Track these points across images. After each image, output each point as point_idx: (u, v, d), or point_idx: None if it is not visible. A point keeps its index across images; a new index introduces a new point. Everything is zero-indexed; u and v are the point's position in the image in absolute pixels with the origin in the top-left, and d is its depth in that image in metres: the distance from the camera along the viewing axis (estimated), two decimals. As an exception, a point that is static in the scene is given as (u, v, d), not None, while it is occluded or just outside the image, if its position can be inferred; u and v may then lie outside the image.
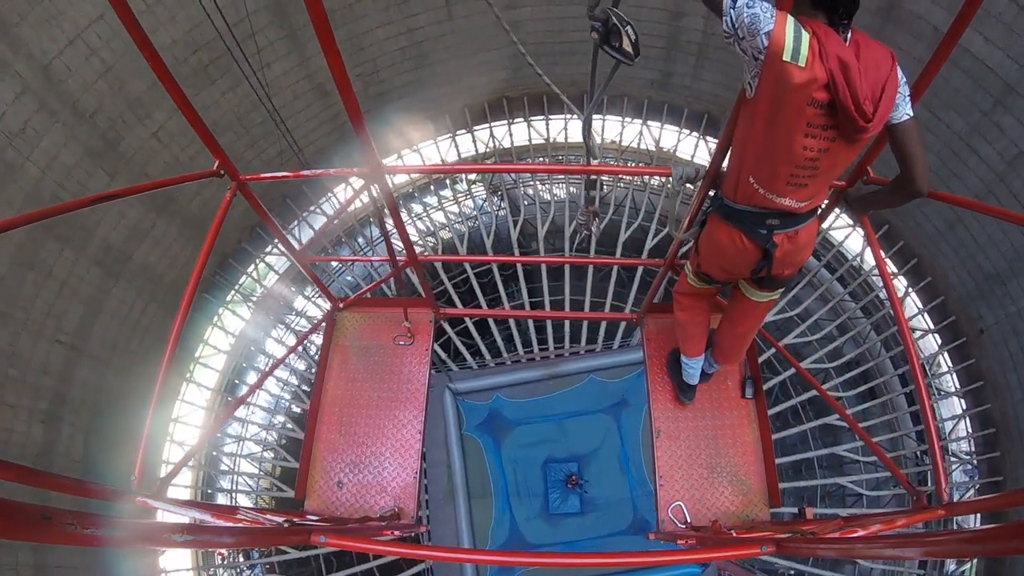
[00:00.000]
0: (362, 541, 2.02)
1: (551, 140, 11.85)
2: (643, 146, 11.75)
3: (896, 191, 2.09)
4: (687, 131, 11.16)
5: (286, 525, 2.47)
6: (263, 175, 2.86)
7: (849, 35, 1.77)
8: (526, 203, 12.47)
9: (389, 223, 2.88)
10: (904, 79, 1.84)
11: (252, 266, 10.90)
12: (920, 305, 9.97)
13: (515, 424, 10.18)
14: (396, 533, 2.94)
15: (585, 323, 11.56)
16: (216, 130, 8.14)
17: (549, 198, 12.50)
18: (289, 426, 12.28)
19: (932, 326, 10.06)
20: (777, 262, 2.23)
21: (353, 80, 1.75)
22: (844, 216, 9.96)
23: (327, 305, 3.58)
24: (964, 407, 9.92)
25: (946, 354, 9.93)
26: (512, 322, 11.75)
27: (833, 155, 1.89)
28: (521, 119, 11.40)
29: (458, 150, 11.50)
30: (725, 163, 2.21)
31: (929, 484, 10.50)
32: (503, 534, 9.43)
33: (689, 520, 3.02)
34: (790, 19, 1.69)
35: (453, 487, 9.61)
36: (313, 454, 3.29)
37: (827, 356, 10.86)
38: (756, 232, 2.15)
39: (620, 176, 12.98)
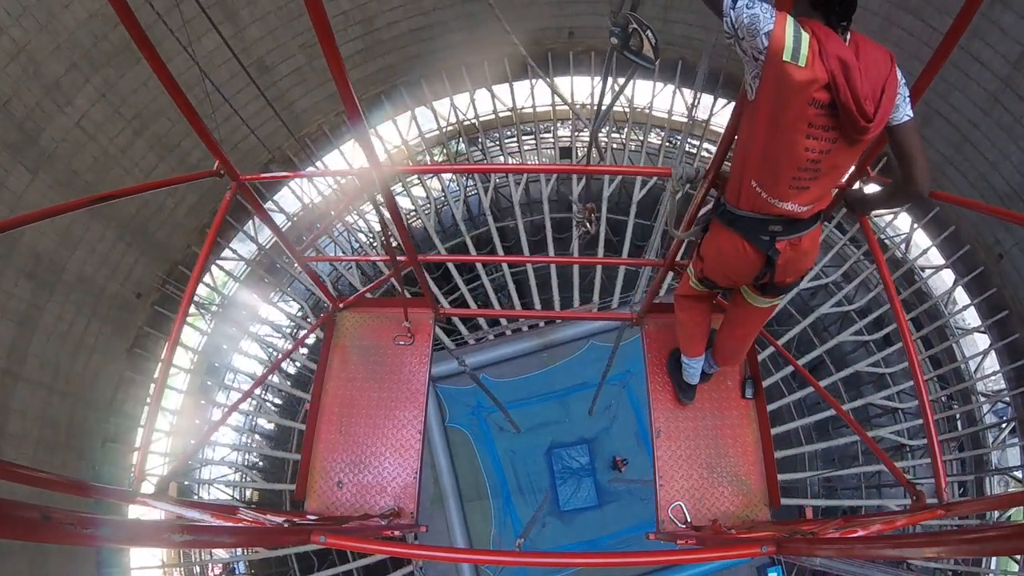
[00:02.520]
0: (362, 541, 2.02)
1: (518, 108, 11.32)
2: (618, 107, 11.03)
3: (896, 191, 2.09)
4: (661, 84, 10.59)
5: (286, 525, 2.48)
6: (263, 175, 2.85)
7: (848, 36, 1.77)
8: (499, 177, 12.01)
9: (368, 219, 2.88)
10: (903, 80, 1.84)
11: (207, 273, 9.95)
12: (930, 239, 9.42)
13: (509, 407, 8.43)
14: (396, 533, 2.94)
15: (576, 283, 10.47)
16: (146, 117, 7.50)
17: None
18: (262, 441, 11.79)
19: (945, 260, 9.39)
20: (780, 269, 2.22)
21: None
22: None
23: (292, 309, 3.58)
24: (989, 341, 9.23)
25: (962, 288, 9.23)
26: (492, 292, 10.76)
27: (834, 156, 1.89)
28: (483, 88, 10.85)
29: (419, 128, 11.03)
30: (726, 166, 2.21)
31: (960, 428, 10.09)
32: (508, 541, 8.16)
33: (689, 520, 3.02)
34: (790, 19, 1.69)
35: (441, 491, 8.31)
36: (313, 454, 3.29)
37: (836, 306, 10.47)
38: (759, 239, 2.15)
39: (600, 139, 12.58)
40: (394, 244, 2.88)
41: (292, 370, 12.21)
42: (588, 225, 3.85)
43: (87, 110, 6.89)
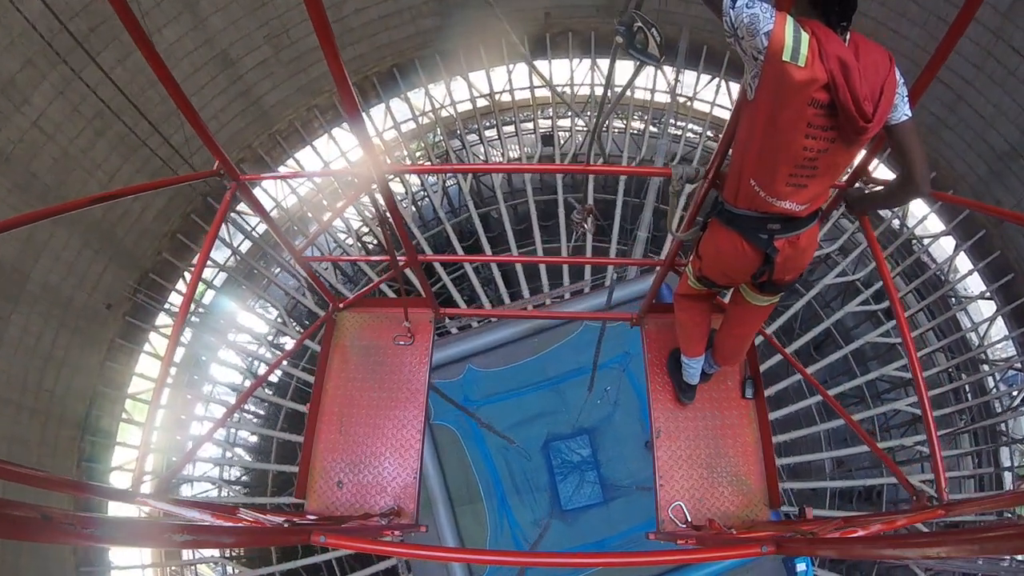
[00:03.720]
0: (362, 541, 2.02)
1: (496, 96, 11.06)
2: (600, 91, 10.69)
3: (896, 191, 2.09)
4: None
5: (286, 525, 2.48)
6: (263, 175, 2.85)
7: (848, 36, 1.77)
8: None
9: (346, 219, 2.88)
10: (902, 80, 1.85)
11: (180, 280, 9.40)
12: (927, 207, 9.14)
13: (499, 400, 7.95)
14: (396, 533, 2.95)
15: (565, 268, 9.94)
16: (108, 115, 7.04)
17: (502, 157, 11.84)
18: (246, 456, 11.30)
19: (944, 226, 9.07)
20: (778, 267, 2.23)
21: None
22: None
23: (271, 315, 3.58)
24: (996, 306, 8.88)
25: (964, 254, 8.91)
26: (477, 283, 10.27)
27: (832, 156, 1.89)
28: (459, 76, 10.58)
29: (395, 120, 10.78)
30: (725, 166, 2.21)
31: (970, 399, 9.83)
32: (505, 546, 7.50)
33: (689, 520, 3.02)
34: (789, 19, 1.69)
35: (429, 495, 7.60)
36: (313, 454, 3.29)
37: (840, 276, 10.16)
38: (757, 237, 2.16)
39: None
40: (373, 245, 2.88)
41: (274, 377, 11.81)
42: (587, 227, 3.85)
43: (44, 108, 6.55)
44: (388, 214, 2.56)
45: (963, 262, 9.44)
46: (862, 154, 2.39)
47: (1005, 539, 0.97)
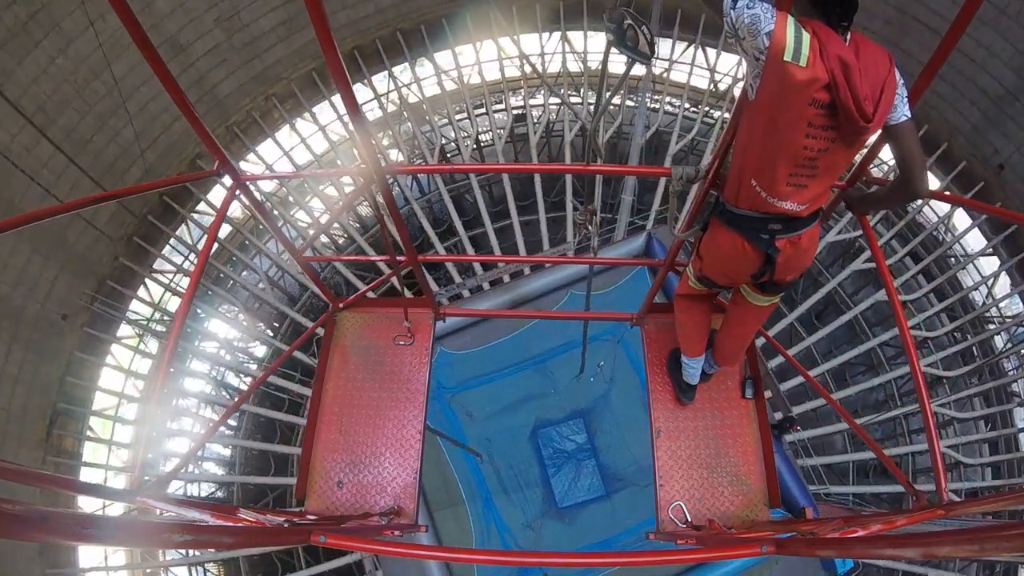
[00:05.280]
0: (362, 541, 2.02)
1: (467, 82, 10.67)
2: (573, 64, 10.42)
3: (895, 191, 2.10)
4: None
5: (286, 525, 2.48)
6: (264, 175, 2.85)
7: (848, 36, 1.77)
8: (446, 142, 11.50)
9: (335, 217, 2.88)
10: (902, 80, 1.85)
11: (141, 287, 8.81)
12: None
13: (477, 385, 6.86)
14: (396, 533, 2.95)
15: (544, 226, 9.34)
16: (51, 108, 6.64)
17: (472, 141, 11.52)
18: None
19: (940, 182, 8.62)
20: (780, 267, 2.23)
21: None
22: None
23: (240, 319, 3.56)
24: (999, 261, 8.52)
25: (962, 210, 8.54)
26: (439, 248, 9.81)
27: (832, 155, 1.89)
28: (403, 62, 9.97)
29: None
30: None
31: (976, 359, 9.48)
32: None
33: (689, 520, 3.03)
34: (790, 19, 1.69)
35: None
36: (313, 454, 3.29)
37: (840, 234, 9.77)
38: (758, 238, 2.15)
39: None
40: (311, 249, 2.87)
41: (240, 384, 11.20)
42: (589, 228, 3.85)
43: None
44: (387, 214, 2.56)
45: (961, 219, 8.88)
46: (862, 154, 2.39)
47: (1007, 539, 0.97)
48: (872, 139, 2.03)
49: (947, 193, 3.98)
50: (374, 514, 3.02)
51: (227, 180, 2.41)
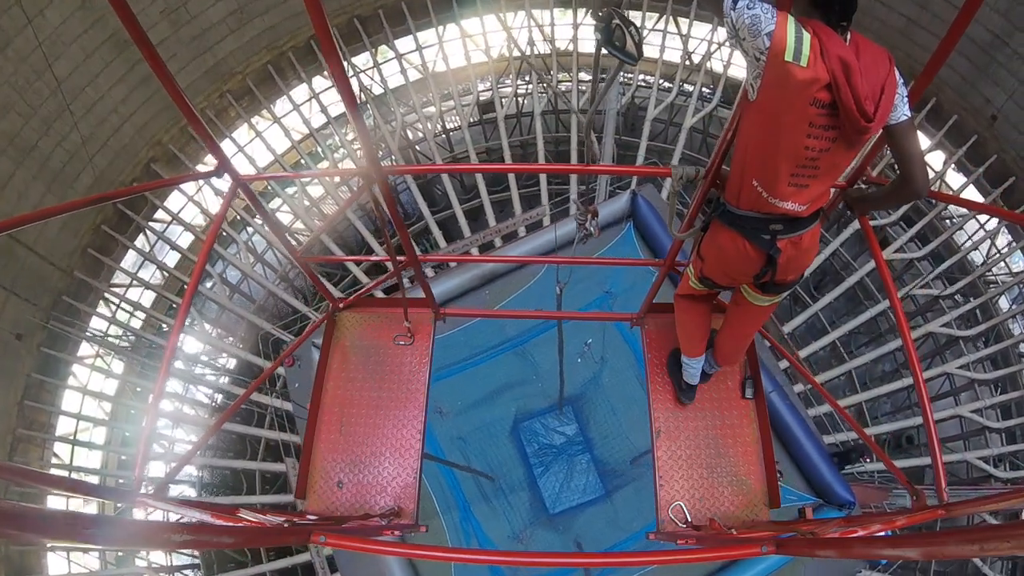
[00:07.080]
0: (362, 541, 2.02)
1: (431, 71, 10.22)
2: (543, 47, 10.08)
3: (895, 191, 2.10)
4: (584, 11, 9.59)
5: (286, 525, 2.48)
6: (263, 175, 2.84)
7: (848, 36, 1.77)
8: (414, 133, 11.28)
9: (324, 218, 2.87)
10: (902, 80, 1.85)
11: (100, 302, 8.20)
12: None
13: (449, 375, 5.89)
14: (396, 533, 2.95)
15: (515, 195, 8.75)
16: None
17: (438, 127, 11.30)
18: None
19: (931, 139, 8.22)
20: (781, 268, 2.23)
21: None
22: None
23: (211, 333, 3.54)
24: (999, 221, 8.25)
25: (956, 167, 8.10)
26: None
27: (833, 155, 1.89)
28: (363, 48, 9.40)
29: (321, 104, 9.70)
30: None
31: (980, 322, 9.09)
32: (474, 573, 5.23)
33: (690, 520, 3.03)
34: (791, 19, 1.69)
35: None
36: (313, 454, 3.29)
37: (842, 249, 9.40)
38: (759, 238, 2.15)
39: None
40: (276, 250, 2.87)
41: (208, 399, 10.67)
42: (589, 229, 3.85)
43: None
44: (387, 214, 2.56)
45: (954, 178, 8.48)
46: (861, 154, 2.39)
47: (1007, 539, 0.97)
48: (872, 139, 2.03)
49: (947, 194, 3.99)
50: (374, 515, 3.02)
51: (217, 184, 2.41)
